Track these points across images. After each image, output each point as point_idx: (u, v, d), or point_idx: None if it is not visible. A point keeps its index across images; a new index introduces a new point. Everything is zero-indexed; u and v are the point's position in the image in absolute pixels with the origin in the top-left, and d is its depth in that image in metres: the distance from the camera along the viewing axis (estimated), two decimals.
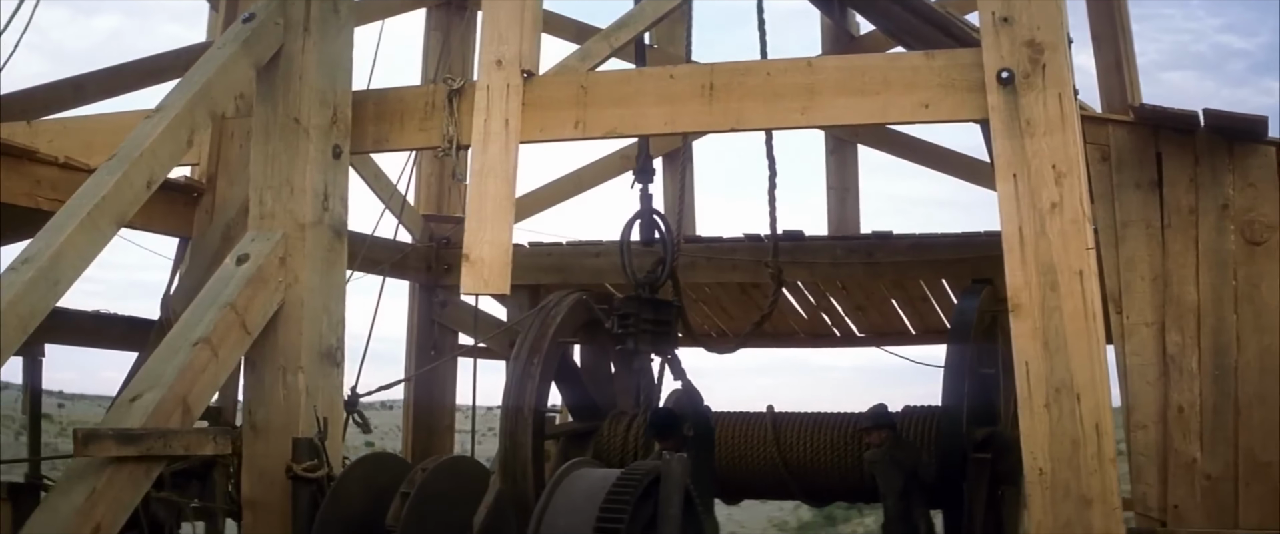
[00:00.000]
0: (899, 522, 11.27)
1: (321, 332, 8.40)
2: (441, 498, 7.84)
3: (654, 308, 9.76)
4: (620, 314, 9.69)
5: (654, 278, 9.86)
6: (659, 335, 9.85)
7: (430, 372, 13.25)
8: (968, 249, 12.45)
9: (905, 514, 11.23)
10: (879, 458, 11.30)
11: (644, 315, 9.72)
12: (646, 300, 9.70)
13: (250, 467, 8.30)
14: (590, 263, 12.99)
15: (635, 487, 7.40)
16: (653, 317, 9.74)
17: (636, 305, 9.64)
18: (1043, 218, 7.65)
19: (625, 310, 9.67)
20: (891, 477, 11.22)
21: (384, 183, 12.48)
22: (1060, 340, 7.50)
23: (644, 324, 9.74)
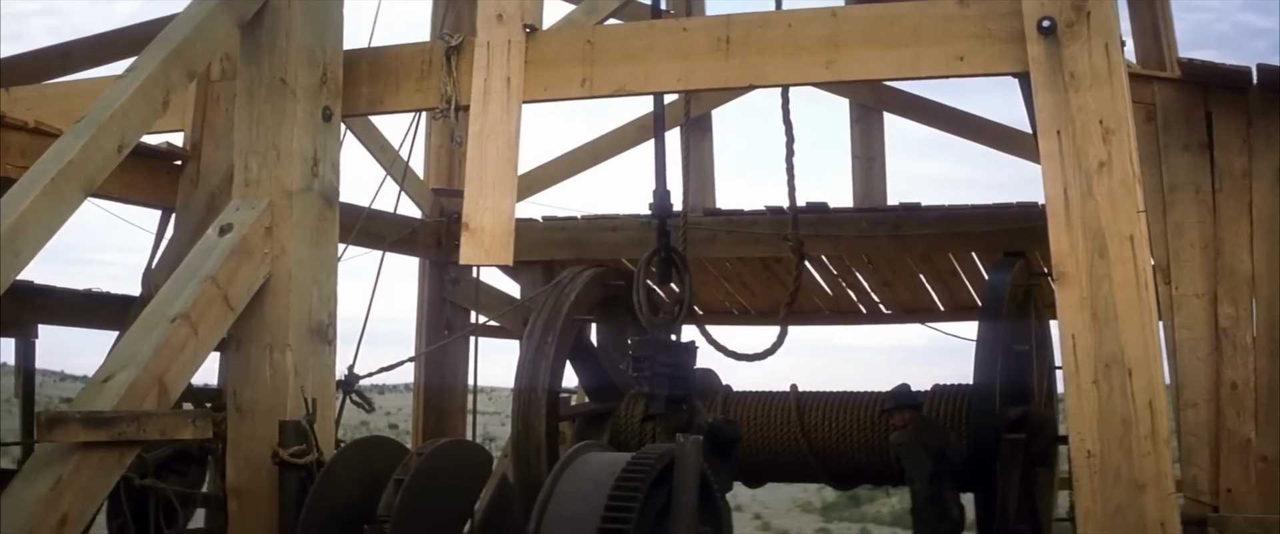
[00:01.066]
0: (927, 506, 10.54)
1: (311, 306, 7.68)
2: (439, 485, 7.13)
3: (671, 350, 9.03)
4: (636, 359, 8.93)
5: (671, 319, 9.10)
6: (677, 380, 9.13)
7: (441, 352, 12.54)
8: (1000, 221, 11.70)
9: (934, 499, 10.51)
10: (905, 440, 10.59)
11: (661, 359, 8.97)
12: (663, 343, 8.94)
13: (235, 452, 7.60)
14: (606, 237, 12.27)
15: (647, 472, 6.69)
16: (670, 359, 9.02)
17: (653, 348, 8.89)
18: (1089, 178, 6.88)
19: (641, 353, 8.91)
20: (919, 459, 10.51)
21: (390, 155, 11.77)
22: (1110, 311, 6.73)
23: (661, 368, 8.99)
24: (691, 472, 6.66)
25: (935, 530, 10.50)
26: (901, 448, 10.59)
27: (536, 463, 10.14)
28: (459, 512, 7.28)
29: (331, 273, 7.82)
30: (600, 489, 6.68)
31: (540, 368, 10.98)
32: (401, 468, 7.11)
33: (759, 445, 11.61)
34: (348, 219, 10.02)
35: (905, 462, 10.55)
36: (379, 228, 11.76)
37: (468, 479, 7.34)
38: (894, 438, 10.70)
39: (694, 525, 6.65)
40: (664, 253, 9.23)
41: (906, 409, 10.63)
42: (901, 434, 10.63)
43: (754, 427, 11.59)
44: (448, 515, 7.19)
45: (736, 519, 29.63)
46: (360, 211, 11.22)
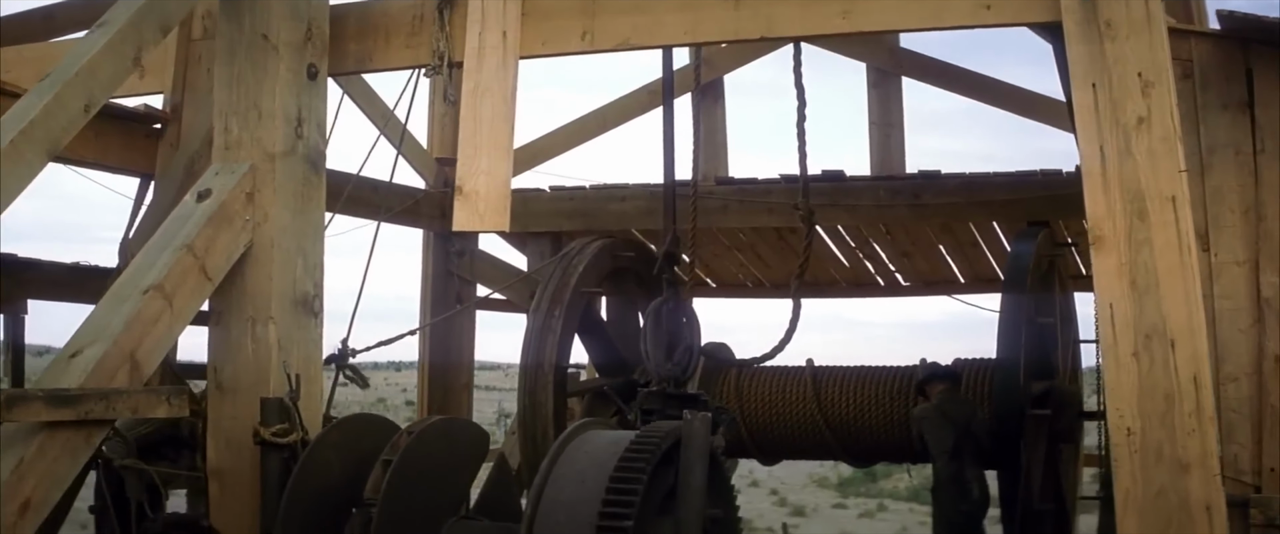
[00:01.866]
0: (949, 484, 9.98)
1: (295, 277, 7.11)
2: (431, 466, 6.56)
3: (681, 403, 8.41)
4: (644, 410, 8.32)
5: (680, 373, 8.47)
6: None
7: (446, 327, 11.99)
8: (1023, 189, 11.14)
9: (956, 476, 9.94)
10: (928, 413, 10.02)
11: (670, 414, 8.34)
12: (672, 396, 8.34)
13: (216, 431, 7.05)
14: (615, 208, 11.70)
15: (652, 452, 6.10)
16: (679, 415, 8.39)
17: (661, 401, 8.28)
18: (1128, 135, 6.28)
19: (649, 406, 8.30)
20: (942, 433, 9.95)
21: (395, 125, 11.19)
22: (1150, 278, 6.14)
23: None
24: (700, 451, 6.08)
25: (954, 511, 9.94)
26: (924, 421, 10.02)
27: (543, 442, 9.63)
28: (453, 494, 6.71)
29: (317, 241, 7.26)
30: (601, 470, 6.10)
31: (547, 342, 10.46)
32: (390, 448, 6.53)
33: (774, 422, 11.09)
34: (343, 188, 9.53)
35: (927, 436, 10.00)
36: (381, 199, 11.20)
37: (462, 459, 6.76)
38: (917, 411, 10.13)
39: (702, 509, 6.07)
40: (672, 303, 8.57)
41: (942, 380, 10.07)
42: (925, 407, 10.06)
43: (768, 403, 11.06)
44: (441, 498, 6.61)
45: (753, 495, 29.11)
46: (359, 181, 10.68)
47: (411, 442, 6.52)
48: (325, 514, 6.56)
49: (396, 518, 6.40)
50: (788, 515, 28.69)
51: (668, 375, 8.27)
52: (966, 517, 10.03)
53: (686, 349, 8.43)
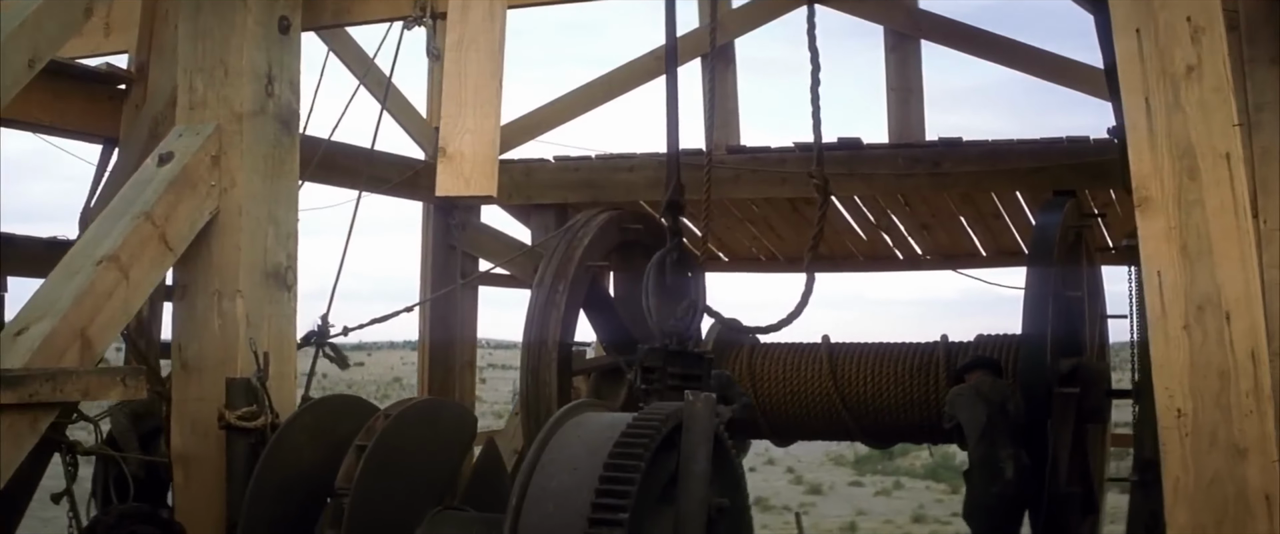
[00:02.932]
0: (981, 467, 9.28)
1: (266, 247, 6.43)
2: (410, 452, 5.89)
3: (684, 361, 7.68)
4: (645, 368, 7.58)
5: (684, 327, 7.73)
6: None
7: (447, 305, 11.31)
8: (1048, 157, 10.45)
9: (988, 458, 9.25)
10: (965, 393, 9.33)
11: (672, 370, 7.61)
12: (676, 354, 7.61)
13: (181, 414, 6.39)
14: (623, 178, 11.01)
15: (651, 437, 5.42)
16: (682, 371, 7.66)
17: (663, 358, 7.54)
18: (1176, 85, 5.55)
19: (650, 363, 7.56)
20: (976, 414, 9.26)
21: (397, 99, 10.54)
22: (1203, 243, 5.42)
23: (671, 380, 7.64)
24: (703, 435, 5.40)
25: (985, 494, 9.24)
26: (958, 401, 9.33)
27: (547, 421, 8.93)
28: (436, 481, 6.03)
29: (290, 209, 6.57)
30: (595, 456, 5.42)
31: (551, 318, 9.83)
32: (364, 433, 5.86)
33: (789, 401, 10.42)
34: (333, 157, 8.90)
35: (961, 417, 9.31)
36: (377, 169, 10.55)
37: (446, 444, 6.09)
38: (955, 390, 9.44)
39: (705, 498, 5.40)
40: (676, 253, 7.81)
41: (983, 368, 9.40)
42: (963, 387, 9.38)
43: (782, 381, 10.39)
44: (422, 486, 5.94)
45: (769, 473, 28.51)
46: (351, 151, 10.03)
47: (388, 426, 5.85)
48: (296, 504, 5.91)
49: (372, 509, 5.74)
50: (804, 494, 28.16)
51: (671, 332, 7.56)
52: (999, 499, 9.34)
53: (690, 305, 7.71)
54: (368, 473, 5.71)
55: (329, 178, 10.08)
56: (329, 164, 9.85)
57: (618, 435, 5.45)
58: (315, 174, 9.94)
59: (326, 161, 9.82)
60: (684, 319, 7.57)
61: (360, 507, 5.68)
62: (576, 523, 5.27)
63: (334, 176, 10.13)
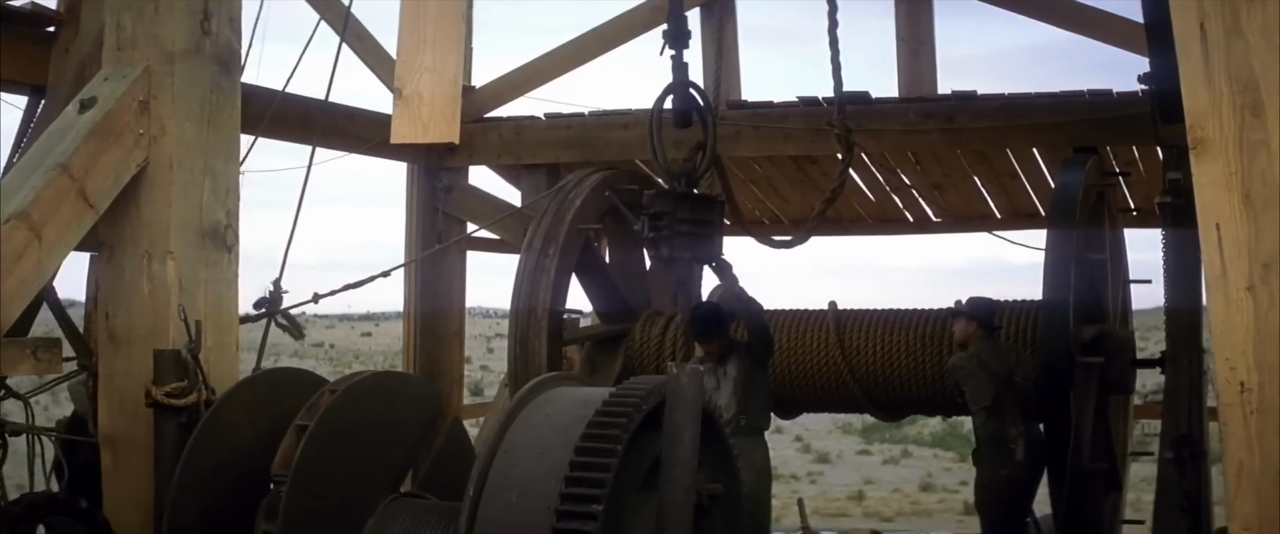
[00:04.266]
0: (989, 445, 8.44)
1: (201, 203, 5.58)
2: (361, 432, 5.07)
3: (693, 206, 6.80)
4: (652, 214, 6.72)
5: (692, 168, 6.86)
6: (700, 239, 6.86)
7: (434, 271, 10.48)
8: (1069, 112, 9.61)
9: (997, 435, 8.41)
10: (964, 363, 8.46)
11: (681, 215, 6.72)
12: (684, 196, 6.74)
13: (109, 390, 5.56)
14: (617, 136, 10.15)
15: (629, 415, 4.60)
16: (691, 216, 6.77)
17: (671, 202, 6.68)
18: (1235, 10, 4.66)
19: (658, 209, 6.70)
20: (980, 385, 8.41)
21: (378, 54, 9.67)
22: (1269, 191, 4.53)
23: (681, 226, 6.75)
24: (689, 413, 4.56)
25: (994, 477, 8.40)
26: (959, 372, 8.48)
27: None
28: (392, 464, 5.20)
29: (231, 160, 5.71)
30: (565, 439, 4.59)
31: (540, 284, 9.06)
32: (306, 411, 5.03)
33: (793, 371, 9.57)
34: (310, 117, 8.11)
35: (965, 388, 8.46)
36: (356, 128, 9.71)
37: (404, 422, 5.26)
38: (953, 361, 8.59)
39: (690, 487, 4.57)
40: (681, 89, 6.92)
41: (970, 319, 8.51)
42: (961, 356, 8.51)
43: (786, 349, 9.54)
44: (376, 470, 5.11)
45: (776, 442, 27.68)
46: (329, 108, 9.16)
47: (335, 402, 5.03)
48: (231, 491, 5.09)
49: (314, 498, 4.92)
50: (812, 463, 27.45)
51: (679, 173, 6.72)
52: (1009, 482, 8.50)
53: (700, 145, 6.88)
54: (309, 457, 4.89)
55: (306, 137, 9.23)
56: (305, 122, 9.04)
57: (591, 414, 4.63)
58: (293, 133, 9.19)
59: (302, 120, 9.03)
60: (693, 160, 6.76)
61: (300, 496, 4.86)
62: (543, 515, 4.45)
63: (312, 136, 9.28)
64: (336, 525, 4.97)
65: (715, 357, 8.27)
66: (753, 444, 8.15)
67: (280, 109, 7.24)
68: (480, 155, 10.43)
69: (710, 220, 6.80)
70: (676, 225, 6.62)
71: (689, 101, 6.64)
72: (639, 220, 6.61)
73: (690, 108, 6.77)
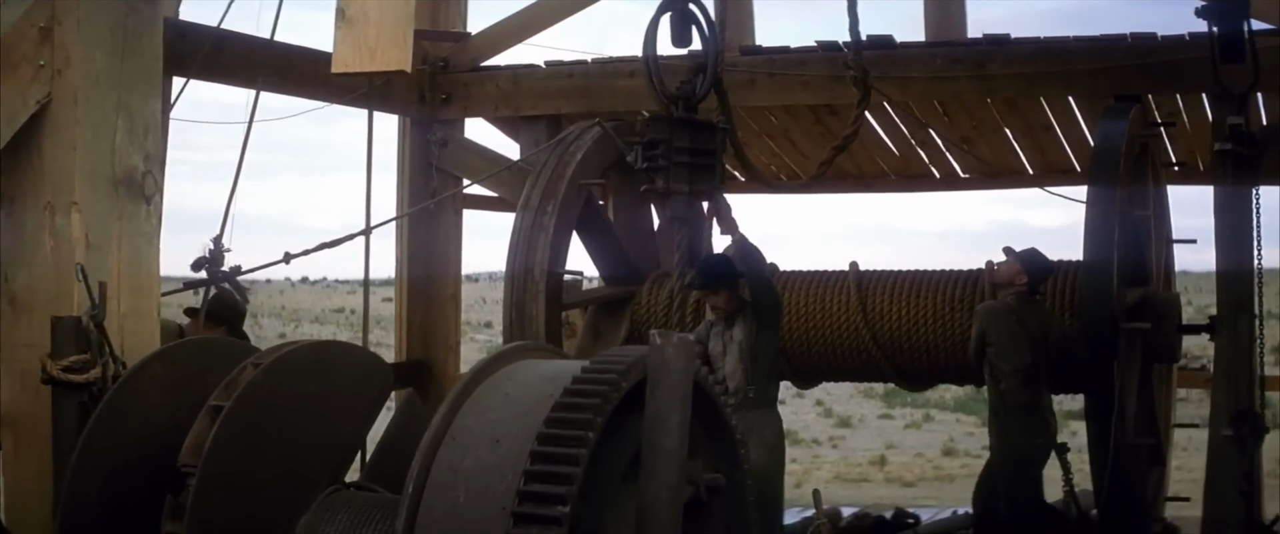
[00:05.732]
0: (1022, 413, 7.49)
1: (114, 145, 4.64)
2: (291, 414, 4.15)
3: (692, 132, 5.85)
4: (646, 142, 5.81)
5: (691, 91, 5.91)
6: (699, 169, 5.91)
7: (427, 230, 9.56)
8: (1109, 57, 8.60)
9: (1033, 404, 7.46)
10: (1001, 313, 7.53)
11: (678, 142, 5.79)
12: (681, 121, 5.80)
13: (10, 363, 4.65)
14: (622, 85, 9.18)
15: (605, 394, 3.67)
16: (690, 144, 5.83)
17: (668, 128, 5.75)
18: None
19: (653, 136, 5.78)
20: (1017, 343, 7.47)
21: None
22: None
23: (678, 155, 5.81)
24: (676, 394, 3.63)
25: (1027, 445, 7.46)
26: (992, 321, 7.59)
27: None
28: (330, 451, 4.28)
29: (151, 97, 4.76)
30: (526, 424, 3.67)
31: (537, 243, 8.19)
32: (222, 389, 4.11)
33: (812, 337, 8.64)
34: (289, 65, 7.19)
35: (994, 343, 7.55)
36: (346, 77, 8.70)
37: (344, 401, 4.33)
38: (986, 306, 7.64)
39: (678, 485, 3.64)
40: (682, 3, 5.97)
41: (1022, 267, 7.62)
42: (996, 304, 7.59)
43: (805, 314, 8.61)
44: (310, 458, 4.19)
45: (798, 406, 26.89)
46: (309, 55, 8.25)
47: (258, 378, 4.10)
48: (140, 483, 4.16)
49: (232, 491, 4.00)
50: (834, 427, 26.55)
51: (676, 95, 5.82)
52: (1041, 452, 7.57)
53: (699, 66, 5.96)
54: (225, 444, 3.98)
55: (283, 87, 8.34)
56: (283, 70, 8.14)
57: (559, 393, 3.70)
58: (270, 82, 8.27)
59: (280, 67, 8.12)
60: (692, 83, 5.85)
61: (213, 490, 3.95)
62: (496, 517, 3.54)
63: (290, 86, 8.39)
64: (260, 524, 4.06)
65: (723, 314, 7.37)
66: (763, 418, 7.24)
67: (221, 48, 6.32)
68: (476, 107, 9.49)
69: (710, 149, 5.87)
70: (674, 155, 5.72)
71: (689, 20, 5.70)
72: (631, 150, 5.71)
73: (690, 22, 5.85)
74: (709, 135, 5.91)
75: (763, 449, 7.09)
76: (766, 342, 7.34)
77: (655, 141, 5.74)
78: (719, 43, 6.01)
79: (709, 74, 5.91)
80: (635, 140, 7.66)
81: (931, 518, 9.43)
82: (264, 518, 4.06)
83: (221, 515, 3.96)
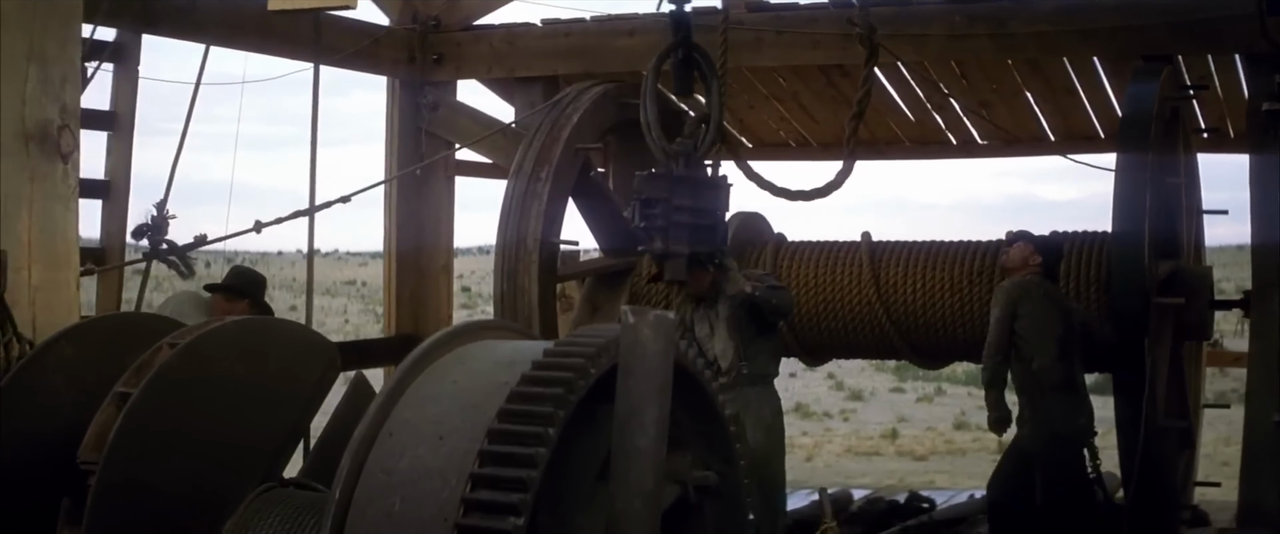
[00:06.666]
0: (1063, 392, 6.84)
1: (24, 96, 3.96)
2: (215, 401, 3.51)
3: (694, 191, 5.26)
4: (644, 200, 5.23)
5: (693, 146, 5.31)
6: (701, 229, 5.34)
7: (418, 199, 8.93)
8: (1139, 14, 7.89)
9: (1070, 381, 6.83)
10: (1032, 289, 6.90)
11: (680, 202, 5.19)
12: (684, 179, 5.20)
13: None
14: (621, 44, 8.55)
15: (569, 383, 3.04)
16: (691, 203, 5.24)
17: (666, 186, 5.18)
18: None
19: (650, 194, 5.21)
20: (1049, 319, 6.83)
21: None
22: None
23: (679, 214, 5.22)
24: (652, 383, 2.98)
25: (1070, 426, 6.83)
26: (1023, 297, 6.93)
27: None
28: (263, 443, 3.65)
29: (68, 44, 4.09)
30: (475, 418, 3.03)
31: (531, 211, 7.56)
32: (131, 373, 3.48)
33: (821, 312, 8.02)
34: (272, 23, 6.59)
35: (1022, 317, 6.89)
36: (328, 37, 8.12)
37: (279, 385, 3.69)
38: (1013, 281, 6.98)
39: (654, 492, 3.00)
40: (682, 52, 5.41)
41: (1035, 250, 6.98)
42: (1024, 280, 6.93)
43: (814, 287, 7.98)
44: (238, 452, 3.56)
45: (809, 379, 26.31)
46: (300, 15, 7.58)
47: (172, 361, 3.46)
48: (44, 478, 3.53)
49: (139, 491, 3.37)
50: (845, 400, 25.97)
51: (676, 152, 5.22)
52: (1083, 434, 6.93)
53: (702, 118, 5.36)
54: (129, 437, 3.34)
55: (266, 46, 7.73)
56: (266, 29, 7.51)
57: (516, 381, 3.05)
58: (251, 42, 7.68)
59: (263, 27, 7.50)
60: (694, 135, 5.24)
61: (115, 490, 3.32)
62: (437, 529, 2.89)
63: (273, 45, 7.77)
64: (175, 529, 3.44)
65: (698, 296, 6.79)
66: (760, 395, 6.63)
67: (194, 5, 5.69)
68: (469, 68, 8.85)
69: (715, 207, 5.27)
70: (672, 214, 5.14)
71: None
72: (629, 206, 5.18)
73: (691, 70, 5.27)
74: (712, 193, 5.32)
75: (759, 429, 6.49)
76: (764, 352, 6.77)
77: (653, 200, 5.17)
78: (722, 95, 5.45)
79: (713, 127, 5.32)
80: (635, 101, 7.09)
81: (946, 502, 8.78)
82: (179, 522, 3.44)
83: (126, 519, 3.34)
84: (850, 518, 8.26)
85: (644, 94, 5.47)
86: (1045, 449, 6.86)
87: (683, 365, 3.32)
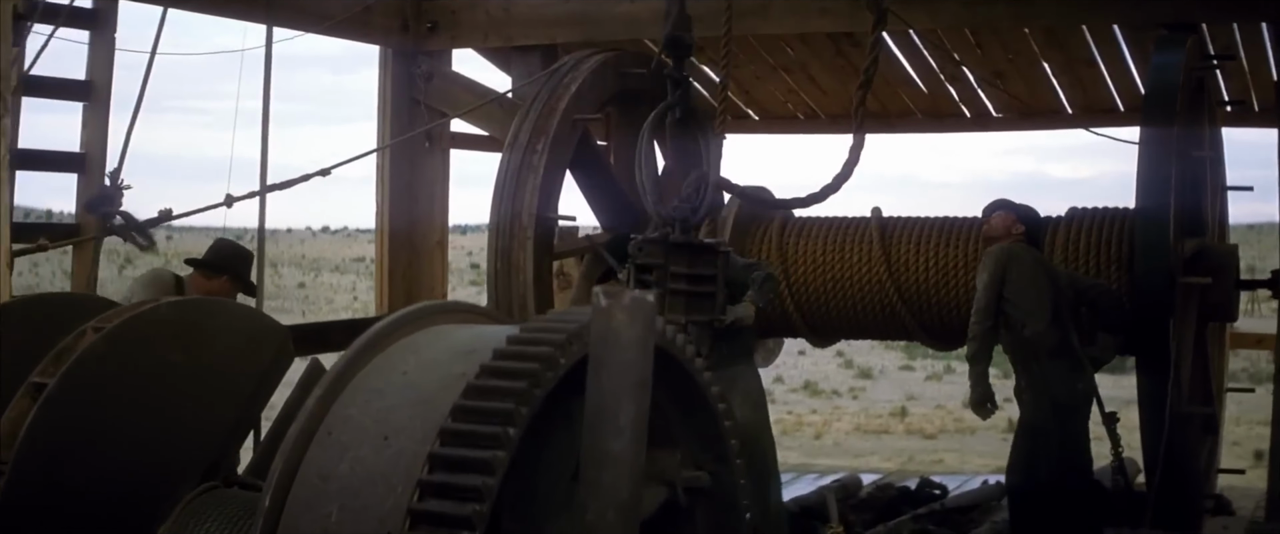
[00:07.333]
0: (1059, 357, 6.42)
1: None
2: (146, 392, 3.10)
3: (691, 257, 4.83)
4: (639, 266, 4.81)
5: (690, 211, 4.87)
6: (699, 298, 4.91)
7: (411, 172, 8.49)
8: None
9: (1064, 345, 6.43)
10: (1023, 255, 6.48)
11: (677, 269, 4.78)
12: (680, 246, 4.78)
13: None
14: (623, 11, 8.11)
15: (535, 375, 2.61)
16: (689, 270, 4.82)
17: (663, 252, 4.76)
18: None
19: (645, 260, 4.79)
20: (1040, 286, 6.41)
21: None
22: None
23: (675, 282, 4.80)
24: (630, 376, 2.55)
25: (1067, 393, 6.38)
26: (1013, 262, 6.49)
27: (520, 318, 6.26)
28: (202, 439, 3.24)
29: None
30: (427, 414, 2.62)
31: (526, 184, 7.17)
32: (50, 361, 3.07)
33: (829, 291, 7.61)
34: None
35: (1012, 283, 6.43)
36: (320, 6, 7.70)
37: (221, 374, 3.28)
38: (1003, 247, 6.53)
39: (631, 501, 2.57)
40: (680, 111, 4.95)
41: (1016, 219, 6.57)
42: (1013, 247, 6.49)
43: (822, 265, 7.56)
44: (175, 449, 3.15)
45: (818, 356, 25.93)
46: None
47: (95, 347, 3.05)
48: None
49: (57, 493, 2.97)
50: (855, 378, 25.64)
51: (672, 217, 4.79)
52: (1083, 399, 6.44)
53: (699, 178, 4.91)
54: (45, 433, 2.93)
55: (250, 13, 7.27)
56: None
57: (475, 372, 2.63)
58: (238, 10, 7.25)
59: None
60: (691, 199, 4.79)
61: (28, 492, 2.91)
62: None
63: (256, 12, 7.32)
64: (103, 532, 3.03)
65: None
66: (746, 372, 6.22)
67: None
68: (465, 36, 8.40)
69: (711, 275, 4.85)
70: (669, 280, 4.73)
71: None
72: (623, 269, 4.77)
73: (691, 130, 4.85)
74: (710, 260, 4.90)
75: (748, 405, 6.07)
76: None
77: (648, 266, 4.76)
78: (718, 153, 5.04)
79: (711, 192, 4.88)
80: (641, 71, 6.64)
81: (959, 488, 8.36)
82: (105, 526, 3.03)
83: (41, 524, 2.93)
84: (859, 504, 7.84)
85: (639, 154, 5.03)
86: (1045, 422, 6.40)
87: (667, 351, 2.90)
